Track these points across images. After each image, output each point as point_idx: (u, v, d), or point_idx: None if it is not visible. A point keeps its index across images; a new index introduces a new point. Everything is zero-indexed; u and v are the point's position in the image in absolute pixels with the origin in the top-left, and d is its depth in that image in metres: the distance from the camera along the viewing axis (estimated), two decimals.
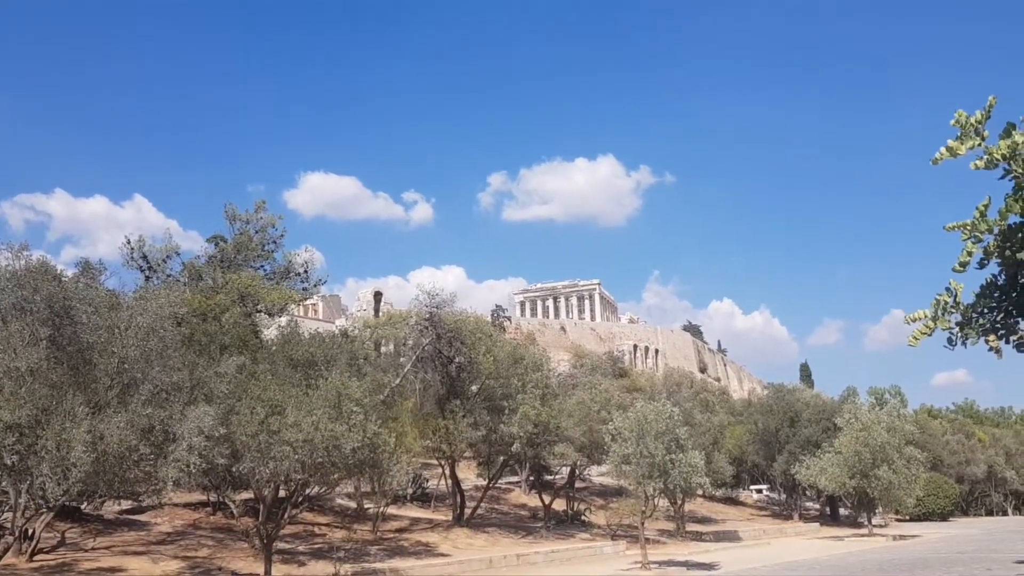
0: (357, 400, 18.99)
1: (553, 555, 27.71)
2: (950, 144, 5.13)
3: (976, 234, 5.15)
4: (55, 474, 14.64)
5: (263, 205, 39.67)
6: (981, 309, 5.32)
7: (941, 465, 62.12)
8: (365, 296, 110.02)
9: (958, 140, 5.12)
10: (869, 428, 38.04)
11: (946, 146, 5.15)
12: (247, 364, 21.47)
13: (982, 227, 5.13)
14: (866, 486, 38.08)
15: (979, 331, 5.30)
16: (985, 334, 5.30)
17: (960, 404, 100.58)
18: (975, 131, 5.03)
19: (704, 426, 40.63)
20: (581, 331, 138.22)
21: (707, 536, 37.45)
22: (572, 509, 38.31)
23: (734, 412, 59.26)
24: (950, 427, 73.36)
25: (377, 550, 25.39)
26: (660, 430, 24.92)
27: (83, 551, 21.46)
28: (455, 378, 32.24)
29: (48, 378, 16.04)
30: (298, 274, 39.31)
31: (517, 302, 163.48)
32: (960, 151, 5.09)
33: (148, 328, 17.96)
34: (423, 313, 32.34)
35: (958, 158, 5.15)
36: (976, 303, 5.33)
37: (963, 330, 5.33)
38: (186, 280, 35.85)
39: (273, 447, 17.55)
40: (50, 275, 17.82)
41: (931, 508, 56.37)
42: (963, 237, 5.21)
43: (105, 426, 15.25)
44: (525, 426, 30.57)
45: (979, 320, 5.30)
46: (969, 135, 5.04)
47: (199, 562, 21.49)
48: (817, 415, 48.52)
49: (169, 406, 17.15)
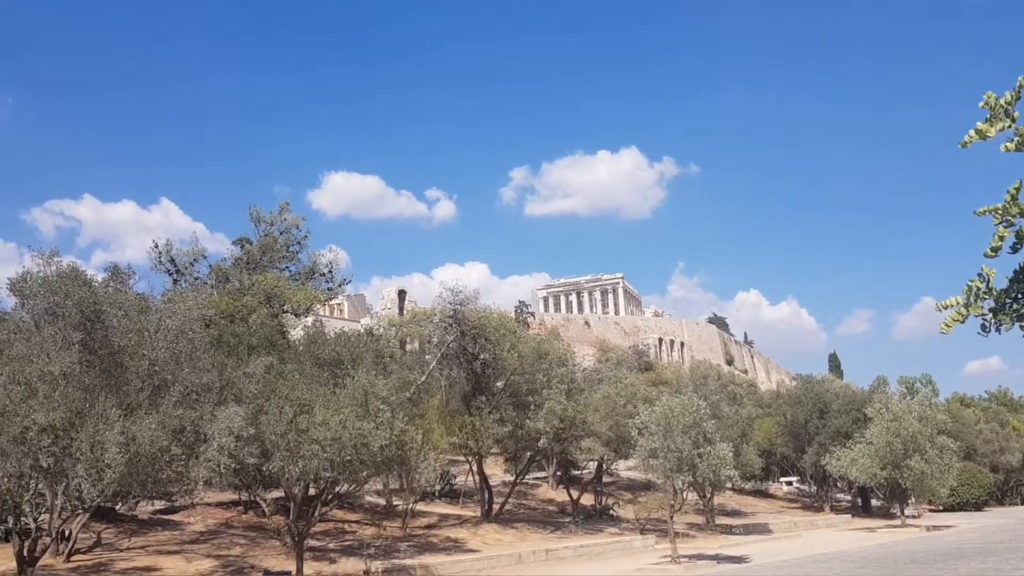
0: (384, 398, 19.09)
1: (582, 550, 27.69)
2: (979, 126, 5.04)
3: (1008, 218, 5.06)
4: (90, 475, 14.85)
5: (287, 207, 40.01)
6: (1015, 294, 5.23)
7: (975, 454, 61.26)
8: (389, 295, 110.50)
9: (987, 122, 5.03)
10: (900, 418, 37.59)
11: (975, 128, 5.06)
12: (275, 364, 21.65)
13: (1014, 211, 5.04)
14: (898, 477, 37.66)
15: (1013, 317, 5.21)
16: (1019, 320, 5.21)
17: (993, 392, 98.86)
18: (1005, 112, 4.94)
19: (732, 419, 40.35)
20: (605, 325, 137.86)
21: (737, 529, 37.25)
22: (600, 504, 38.27)
23: (762, 404, 58.82)
24: (983, 415, 72.26)
25: (407, 546, 25.52)
26: (687, 423, 24.81)
27: (118, 551, 21.79)
28: (480, 374, 32.32)
29: (81, 381, 16.26)
30: (323, 274, 39.58)
31: (540, 298, 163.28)
32: (990, 133, 5.00)
33: (177, 330, 18.16)
34: (447, 310, 32.44)
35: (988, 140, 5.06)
36: (1010, 288, 5.24)
37: (996, 316, 5.24)
38: (213, 282, 36.23)
39: (302, 446, 17.68)
40: (80, 280, 18.06)
41: (965, 498, 55.63)
42: (995, 221, 5.12)
43: (137, 427, 15.45)
44: (551, 421, 30.57)
45: (1013, 305, 5.22)
46: (999, 116, 4.95)
47: (232, 560, 21.74)
48: (847, 406, 48.08)
49: (199, 407, 17.33)
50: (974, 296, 5.31)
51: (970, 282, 5.36)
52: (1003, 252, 5.19)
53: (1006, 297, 5.29)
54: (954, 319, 5.32)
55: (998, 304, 5.33)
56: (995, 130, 4.98)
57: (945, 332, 5.34)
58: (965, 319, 5.32)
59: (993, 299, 5.35)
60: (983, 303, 5.33)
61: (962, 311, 5.30)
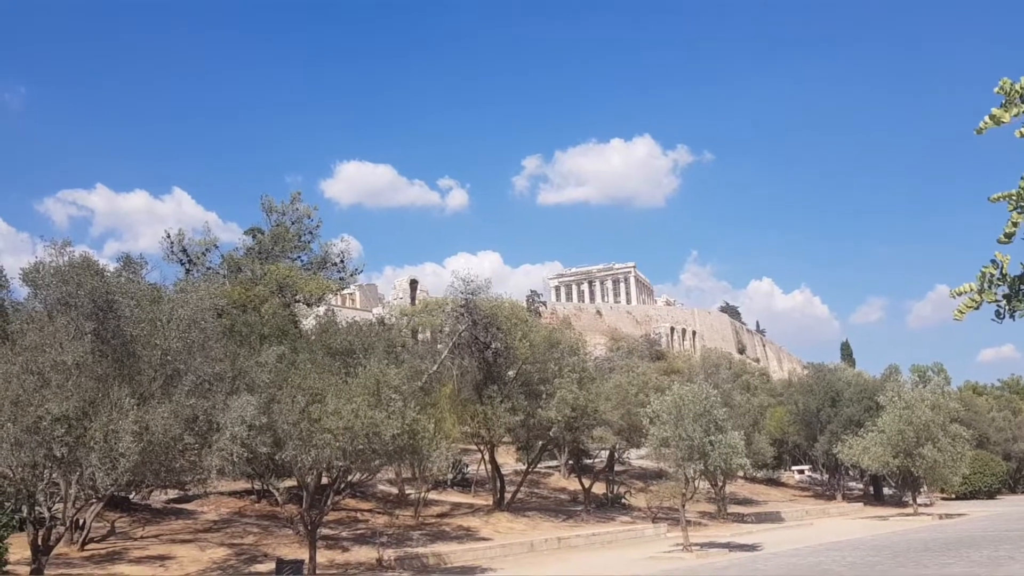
0: (396, 387, 19.13)
1: (594, 538, 27.76)
2: (994, 112, 4.99)
3: (1022, 204, 5.02)
4: (104, 464, 14.95)
5: (298, 196, 40.12)
6: None
7: (987, 442, 60.91)
8: (401, 284, 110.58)
9: (1002, 108, 4.98)
10: (912, 406, 37.41)
11: (990, 114, 5.02)
12: (287, 354, 21.73)
13: None
14: (910, 465, 37.52)
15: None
16: None
17: (1006, 380, 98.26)
18: (1020, 98, 4.89)
19: (744, 407, 40.33)
20: (617, 314, 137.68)
21: (749, 517, 37.24)
22: (612, 492, 38.33)
23: (774, 393, 58.73)
24: (996, 404, 71.83)
25: (419, 535, 25.64)
26: (698, 412, 24.78)
27: (132, 540, 21.98)
28: (492, 364, 32.35)
29: (94, 371, 16.37)
30: (335, 264, 39.70)
31: (552, 287, 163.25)
32: (1005, 119, 4.96)
33: (189, 320, 18.25)
34: (459, 300, 32.46)
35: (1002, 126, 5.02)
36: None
37: (1011, 302, 5.20)
38: (225, 272, 36.39)
39: (314, 435, 17.75)
40: (92, 270, 18.15)
41: (977, 486, 55.39)
42: (1009, 207, 5.08)
43: (151, 417, 15.54)
44: (563, 410, 30.59)
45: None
46: (1014, 102, 4.91)
47: (245, 548, 21.90)
48: (859, 394, 47.91)
49: (212, 396, 17.42)
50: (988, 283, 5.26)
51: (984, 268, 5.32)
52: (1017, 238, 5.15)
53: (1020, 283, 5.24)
54: (968, 306, 5.28)
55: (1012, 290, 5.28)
56: (1010, 116, 4.94)
57: (959, 319, 5.31)
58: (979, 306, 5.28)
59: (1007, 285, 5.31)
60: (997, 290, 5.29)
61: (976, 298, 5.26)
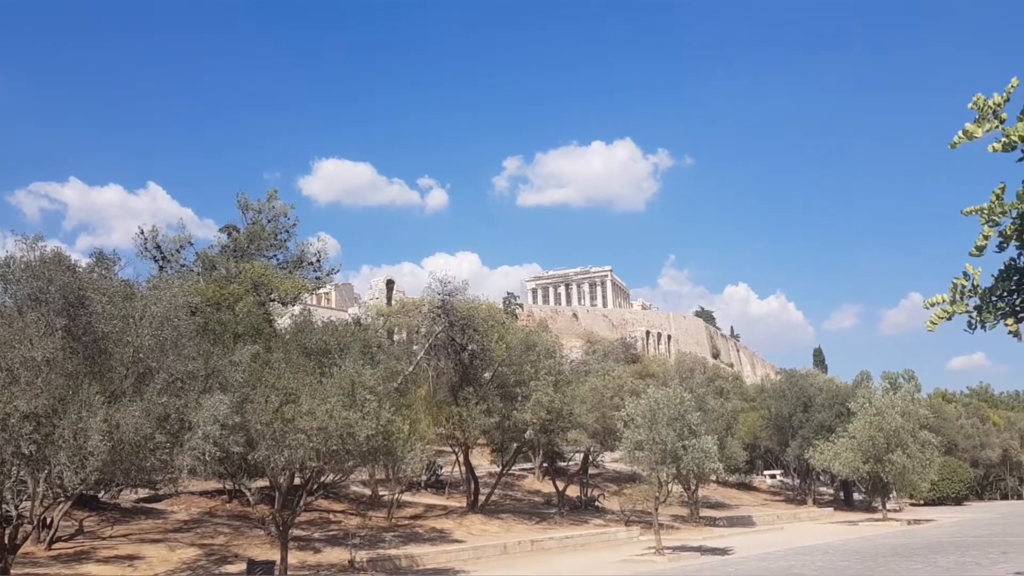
0: (371, 388, 19.04)
1: (567, 541, 27.80)
2: (968, 127, 5.11)
3: (993, 218, 5.14)
4: (72, 463, 14.75)
5: (275, 194, 39.74)
6: (1000, 292, 5.29)
7: (956, 449, 61.83)
8: (377, 284, 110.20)
9: (976, 123, 5.09)
10: (883, 412, 37.86)
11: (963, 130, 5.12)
12: (261, 353, 21.56)
13: (999, 211, 5.12)
14: (880, 471, 37.95)
15: (997, 315, 5.28)
16: (1004, 317, 5.28)
17: (975, 388, 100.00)
18: (993, 113, 5.01)
19: (717, 412, 40.56)
20: (593, 317, 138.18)
21: (721, 521, 37.48)
22: (586, 495, 38.42)
23: (747, 398, 59.18)
24: (965, 411, 72.95)
25: (392, 536, 25.54)
26: (672, 416, 24.92)
27: (101, 539, 21.70)
28: (468, 365, 32.31)
29: (64, 368, 16.14)
30: (311, 263, 39.39)
31: (529, 289, 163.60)
32: (977, 134, 5.08)
33: (162, 317, 18.03)
34: (436, 301, 32.39)
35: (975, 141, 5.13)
36: (995, 286, 5.31)
37: (981, 314, 5.31)
38: (200, 270, 36.01)
39: (288, 435, 17.63)
40: (64, 266, 17.91)
41: (945, 492, 56.18)
42: (981, 221, 5.20)
43: (121, 415, 15.34)
44: (538, 412, 30.61)
45: (998, 303, 5.28)
46: (987, 118, 5.02)
47: (216, 549, 21.69)
48: (831, 400, 48.37)
49: (184, 395, 17.23)
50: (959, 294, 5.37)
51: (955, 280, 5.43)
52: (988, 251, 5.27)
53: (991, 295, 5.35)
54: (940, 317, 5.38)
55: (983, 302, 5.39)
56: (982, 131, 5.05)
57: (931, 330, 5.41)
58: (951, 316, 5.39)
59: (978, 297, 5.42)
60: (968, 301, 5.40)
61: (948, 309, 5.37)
